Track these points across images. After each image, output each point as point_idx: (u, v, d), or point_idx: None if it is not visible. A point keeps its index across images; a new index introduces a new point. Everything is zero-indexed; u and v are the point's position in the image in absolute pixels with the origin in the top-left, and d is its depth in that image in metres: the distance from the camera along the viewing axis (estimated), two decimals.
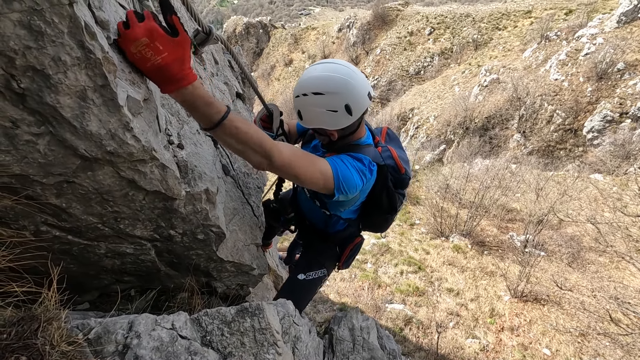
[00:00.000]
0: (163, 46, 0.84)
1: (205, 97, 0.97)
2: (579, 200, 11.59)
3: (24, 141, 0.80)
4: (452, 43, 32.05)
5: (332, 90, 1.33)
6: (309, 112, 1.41)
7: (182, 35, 0.86)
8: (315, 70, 1.37)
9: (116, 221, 1.15)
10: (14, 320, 0.67)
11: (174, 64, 0.87)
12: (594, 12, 25.24)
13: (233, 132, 1.04)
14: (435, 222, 10.57)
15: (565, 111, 19.51)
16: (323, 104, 1.35)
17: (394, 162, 1.64)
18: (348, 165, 1.37)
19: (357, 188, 1.40)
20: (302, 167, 1.24)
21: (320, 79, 1.34)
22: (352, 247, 2.01)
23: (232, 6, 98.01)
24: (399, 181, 1.68)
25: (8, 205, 0.90)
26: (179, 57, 0.87)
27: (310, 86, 1.35)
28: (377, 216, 1.78)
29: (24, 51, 0.65)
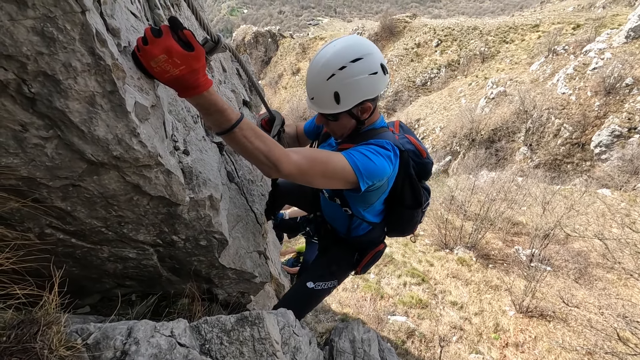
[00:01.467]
0: (180, 60, 0.88)
1: (219, 104, 1.01)
2: (586, 215, 11.44)
3: (32, 144, 0.81)
4: (459, 55, 32.19)
5: (368, 51, 1.30)
6: (350, 86, 1.32)
7: (197, 49, 0.90)
8: (336, 46, 1.32)
9: (120, 225, 1.15)
10: (14, 323, 0.67)
11: (191, 75, 0.91)
12: (602, 27, 25.26)
13: (242, 141, 1.07)
14: (439, 234, 10.48)
15: (573, 125, 19.40)
16: (364, 68, 1.30)
17: (414, 147, 1.59)
18: (366, 154, 1.32)
19: (385, 172, 1.35)
20: (315, 171, 1.22)
21: (351, 47, 1.30)
22: (374, 253, 1.95)
23: (242, 15, 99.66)
24: (422, 167, 1.61)
25: (14, 207, 0.91)
26: (195, 69, 0.91)
27: (346, 56, 1.28)
28: (402, 214, 1.70)
29: (36, 57, 0.66)
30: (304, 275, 2.03)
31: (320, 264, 2.03)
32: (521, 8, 61.20)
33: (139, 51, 0.89)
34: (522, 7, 65.15)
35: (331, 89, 1.32)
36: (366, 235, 1.86)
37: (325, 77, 1.31)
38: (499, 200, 11.07)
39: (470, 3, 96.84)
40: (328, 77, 1.30)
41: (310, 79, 1.38)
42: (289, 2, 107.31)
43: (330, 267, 1.97)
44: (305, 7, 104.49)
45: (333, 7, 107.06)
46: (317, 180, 1.25)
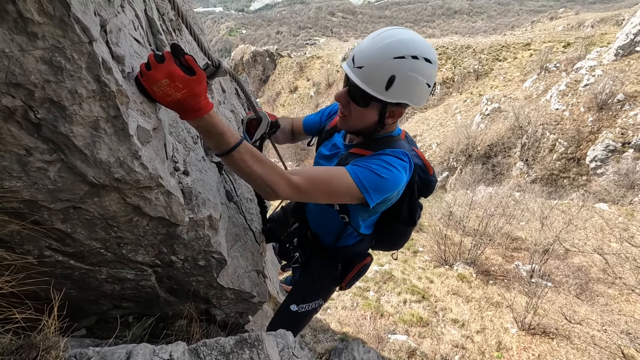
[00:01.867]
0: (182, 84, 0.90)
1: (219, 127, 1.02)
2: (585, 229, 11.44)
3: (35, 168, 0.82)
4: (453, 73, 32.85)
5: (436, 63, 1.21)
6: (409, 80, 1.17)
7: (198, 74, 0.93)
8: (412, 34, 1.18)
9: (119, 246, 1.15)
10: (13, 348, 0.67)
11: (192, 98, 0.93)
12: (592, 45, 25.96)
13: (239, 164, 1.09)
14: (439, 250, 10.42)
15: (568, 140, 19.65)
16: (428, 74, 1.19)
17: (421, 162, 1.52)
18: (375, 169, 1.22)
19: (399, 184, 1.26)
20: (316, 191, 1.20)
21: (428, 47, 1.18)
22: (361, 267, 1.87)
23: (241, 35, 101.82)
24: (426, 184, 1.54)
25: (15, 230, 0.91)
26: (196, 92, 0.93)
27: (423, 50, 1.16)
28: (395, 229, 1.64)
29: (43, 84, 0.69)
30: (287, 298, 1.96)
31: (303, 283, 1.95)
32: (512, 27, 62.94)
33: (142, 76, 0.91)
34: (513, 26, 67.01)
35: (391, 70, 1.14)
36: (354, 246, 1.78)
37: (393, 54, 1.13)
38: (497, 215, 11.07)
39: (463, 23, 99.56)
40: (397, 56, 1.13)
41: (371, 47, 1.17)
42: (287, 22, 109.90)
43: (314, 286, 1.90)
44: (302, 28, 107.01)
45: (329, 27, 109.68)
46: (320, 198, 1.24)
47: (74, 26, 0.65)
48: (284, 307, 1.92)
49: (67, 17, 0.63)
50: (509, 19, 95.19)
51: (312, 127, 1.80)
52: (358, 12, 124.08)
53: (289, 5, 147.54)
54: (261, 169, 1.11)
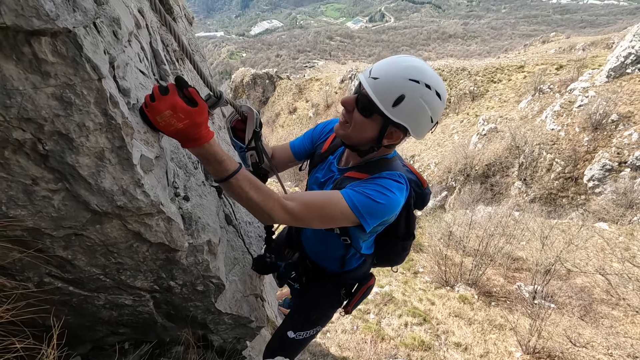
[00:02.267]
0: (184, 115, 0.94)
1: (218, 155, 1.06)
2: (586, 249, 11.36)
3: (40, 197, 0.85)
4: (449, 94, 33.48)
5: (445, 99, 1.25)
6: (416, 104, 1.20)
7: (200, 105, 0.97)
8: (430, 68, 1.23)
9: (118, 272, 1.16)
10: None
11: (194, 128, 0.97)
12: (584, 67, 26.61)
13: (237, 190, 1.13)
14: (439, 271, 10.30)
15: (564, 160, 19.82)
16: (434, 106, 1.22)
17: (415, 177, 1.55)
18: (370, 194, 1.23)
19: (396, 207, 1.28)
20: (312, 216, 1.22)
21: (441, 82, 1.23)
22: (365, 289, 1.84)
23: (241, 59, 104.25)
24: (421, 198, 1.57)
25: (16, 257, 0.92)
26: (198, 122, 0.97)
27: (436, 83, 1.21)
28: (394, 244, 1.63)
29: (53, 119, 0.72)
30: (285, 322, 1.93)
31: (301, 309, 1.93)
32: (506, 51, 64.70)
33: (147, 107, 0.95)
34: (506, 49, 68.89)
35: (403, 89, 1.18)
36: (359, 268, 1.77)
37: (409, 75, 1.18)
38: (497, 235, 11.01)
39: (458, 46, 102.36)
40: (412, 78, 1.18)
41: (391, 64, 1.22)
42: (286, 46, 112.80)
43: (311, 314, 1.87)
44: (301, 51, 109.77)
45: (328, 50, 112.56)
46: (316, 224, 1.26)
47: (85, 65, 0.69)
48: (281, 332, 1.90)
49: (79, 57, 0.67)
50: (502, 42, 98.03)
51: (302, 151, 1.72)
52: (355, 36, 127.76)
53: (288, 30, 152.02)
54: (258, 196, 1.14)
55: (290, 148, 1.74)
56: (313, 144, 1.72)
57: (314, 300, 1.87)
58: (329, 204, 1.22)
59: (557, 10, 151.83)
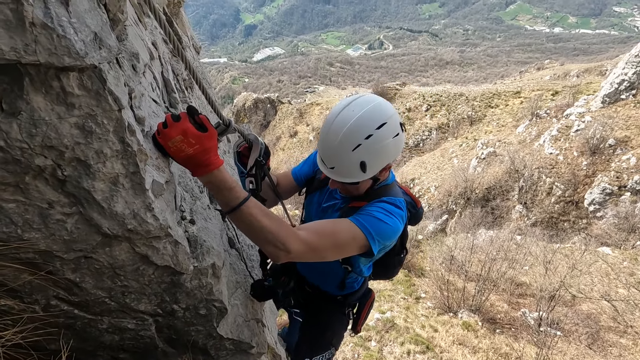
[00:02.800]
0: (195, 140, 0.96)
1: (228, 182, 1.05)
2: (590, 274, 11.20)
3: (54, 220, 0.88)
4: (448, 119, 34.04)
5: (390, 113, 1.27)
6: (377, 153, 1.26)
7: (210, 131, 1.00)
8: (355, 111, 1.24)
9: (123, 295, 1.17)
10: None
11: (203, 154, 0.99)
12: (579, 93, 27.21)
13: (248, 219, 1.08)
14: (442, 296, 10.12)
15: (564, 183, 19.89)
16: (389, 132, 1.24)
17: (410, 199, 1.61)
18: (378, 216, 1.27)
19: (398, 232, 1.33)
20: (325, 245, 1.19)
21: (374, 112, 1.24)
22: (369, 306, 1.90)
23: (243, 84, 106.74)
24: (415, 216, 1.64)
25: (27, 279, 0.94)
26: (207, 148, 0.99)
27: (371, 123, 1.22)
28: (389, 259, 1.66)
29: (73, 146, 0.76)
30: (298, 350, 1.91)
31: (313, 333, 1.91)
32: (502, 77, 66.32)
33: (159, 134, 0.99)
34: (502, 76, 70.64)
35: (357, 158, 1.24)
36: (360, 289, 1.81)
37: (350, 147, 1.23)
38: (499, 259, 10.88)
39: (455, 73, 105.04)
40: (353, 147, 1.22)
41: (329, 148, 1.29)
42: (287, 72, 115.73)
43: (325, 335, 1.87)
44: (302, 77, 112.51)
45: (328, 76, 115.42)
46: (329, 253, 1.23)
47: (108, 97, 0.74)
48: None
49: (102, 90, 0.73)
50: (498, 69, 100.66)
51: (302, 176, 1.77)
52: (355, 62, 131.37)
53: (289, 57, 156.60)
54: (271, 223, 1.09)
55: (292, 175, 1.79)
56: (313, 169, 1.77)
57: (324, 321, 1.88)
58: (341, 229, 1.24)
59: (550, 38, 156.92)
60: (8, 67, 0.63)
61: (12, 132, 0.69)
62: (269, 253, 1.14)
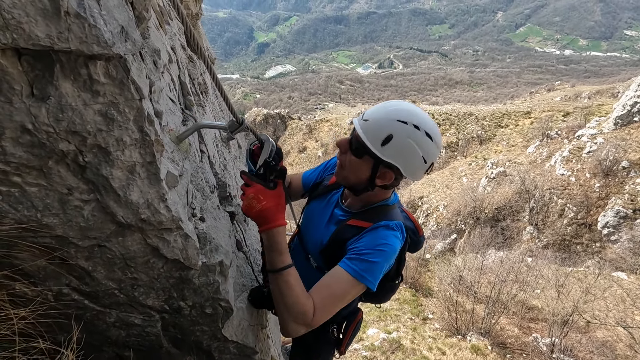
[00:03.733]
0: (264, 197, 1.16)
1: (282, 245, 1.19)
2: (604, 300, 10.82)
3: (72, 206, 0.91)
4: (457, 137, 34.01)
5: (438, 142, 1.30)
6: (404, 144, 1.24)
7: (278, 189, 1.16)
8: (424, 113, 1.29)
9: (132, 288, 1.19)
10: None
11: (270, 210, 1.17)
12: (590, 114, 27.01)
13: (284, 284, 1.19)
14: (450, 317, 9.86)
15: (577, 205, 19.51)
16: (426, 147, 1.26)
17: (412, 225, 1.59)
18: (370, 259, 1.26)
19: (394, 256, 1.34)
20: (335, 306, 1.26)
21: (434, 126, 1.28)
22: (355, 326, 1.81)
23: (255, 99, 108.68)
24: (415, 244, 1.62)
25: (42, 265, 0.97)
26: (275, 204, 1.17)
27: (427, 125, 1.25)
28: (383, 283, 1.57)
29: (95, 133, 0.80)
30: None
31: (299, 351, 1.93)
32: (512, 97, 66.32)
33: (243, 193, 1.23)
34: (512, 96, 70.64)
35: (391, 129, 1.23)
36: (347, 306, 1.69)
37: (397, 117, 1.24)
38: (510, 281, 10.61)
39: (464, 92, 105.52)
40: (400, 119, 1.23)
41: (381, 108, 1.30)
42: (298, 89, 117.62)
43: (311, 355, 1.87)
44: (312, 93, 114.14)
45: (338, 93, 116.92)
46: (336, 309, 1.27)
47: (130, 86, 0.78)
48: None
49: (126, 79, 0.77)
50: (508, 89, 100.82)
51: (310, 181, 1.78)
52: (365, 80, 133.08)
53: (301, 74, 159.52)
54: (302, 294, 1.19)
55: (302, 178, 1.80)
56: (322, 175, 1.77)
57: (308, 339, 1.80)
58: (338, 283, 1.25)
59: (561, 60, 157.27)
60: (42, 53, 0.68)
61: (40, 116, 0.73)
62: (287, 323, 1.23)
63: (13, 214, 0.85)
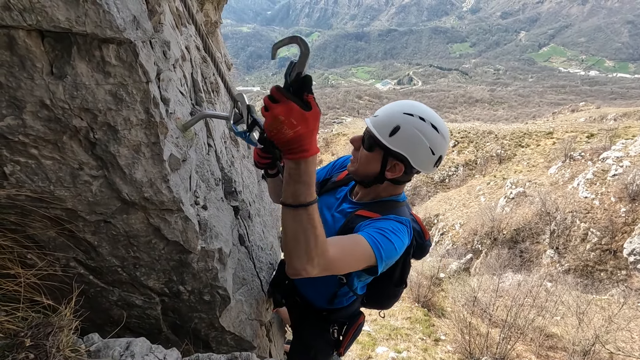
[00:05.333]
0: (296, 121, 0.86)
1: (312, 177, 0.96)
2: (629, 331, 10.24)
3: (82, 181, 0.99)
4: (476, 156, 33.46)
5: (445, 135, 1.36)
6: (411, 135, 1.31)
7: (314, 110, 0.90)
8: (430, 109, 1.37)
9: (134, 267, 1.25)
10: (33, 324, 0.75)
11: (305, 136, 0.89)
12: (616, 137, 26.13)
13: (306, 221, 0.98)
14: (463, 340, 9.52)
15: (601, 230, 18.71)
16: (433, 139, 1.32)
17: (419, 228, 1.59)
18: (388, 235, 1.26)
19: (401, 252, 1.31)
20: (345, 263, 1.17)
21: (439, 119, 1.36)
22: (356, 328, 1.83)
23: None
24: (421, 248, 1.61)
25: (52, 236, 1.05)
26: (310, 129, 0.90)
27: (432, 118, 1.33)
28: (386, 287, 1.64)
29: (105, 111, 0.88)
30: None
31: (298, 346, 1.92)
32: (534, 117, 65.03)
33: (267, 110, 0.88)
34: (534, 116, 69.27)
35: (398, 121, 1.31)
36: (349, 307, 1.76)
37: (404, 110, 1.33)
38: (527, 306, 10.20)
39: (485, 111, 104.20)
40: (406, 112, 1.32)
41: (391, 104, 1.39)
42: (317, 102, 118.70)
43: (309, 351, 1.85)
44: (331, 107, 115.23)
45: (356, 108, 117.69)
46: (344, 269, 1.20)
47: (138, 69, 0.86)
48: None
49: (134, 62, 0.85)
50: (529, 109, 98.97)
51: (318, 179, 1.77)
52: (384, 96, 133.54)
53: (320, 88, 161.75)
54: (321, 233, 1.02)
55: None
56: (330, 173, 1.81)
57: (308, 335, 1.87)
58: (357, 246, 1.21)
59: (586, 81, 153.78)
60: (62, 35, 0.77)
61: (57, 93, 0.81)
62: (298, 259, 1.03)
63: (29, 184, 0.93)
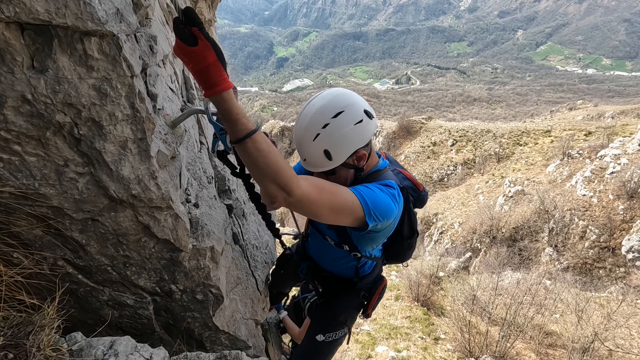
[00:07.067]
0: (187, 57, 0.83)
1: (236, 111, 0.93)
2: (628, 328, 10.25)
3: (68, 178, 0.97)
4: (474, 154, 33.46)
5: (348, 102, 1.32)
6: (337, 141, 1.31)
7: (200, 44, 0.82)
8: (315, 104, 1.33)
9: (124, 266, 1.23)
10: (14, 323, 0.73)
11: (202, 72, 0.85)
12: (614, 135, 26.17)
13: (253, 154, 0.97)
14: (462, 339, 9.52)
15: (599, 228, 18.74)
16: (348, 120, 1.29)
17: (410, 182, 1.67)
18: (375, 190, 1.30)
19: (393, 213, 1.34)
20: (324, 201, 1.16)
21: (330, 102, 1.31)
22: (380, 291, 1.94)
23: (272, 112, 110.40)
24: (419, 200, 1.69)
25: (38, 234, 1.03)
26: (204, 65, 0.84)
27: (327, 113, 1.29)
28: (400, 243, 1.72)
29: (90, 107, 0.86)
30: (310, 330, 1.98)
31: (325, 313, 1.97)
32: (532, 115, 65.03)
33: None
34: (532, 114, 69.25)
35: (320, 147, 1.31)
36: (373, 272, 1.87)
37: (311, 138, 1.31)
38: (526, 304, 10.21)
39: (483, 110, 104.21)
40: (314, 137, 1.30)
41: (297, 141, 1.37)
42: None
43: (338, 316, 1.92)
44: None
45: None
46: (324, 212, 1.19)
47: (122, 63, 0.84)
48: (309, 338, 1.95)
49: (118, 56, 0.83)
50: (527, 107, 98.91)
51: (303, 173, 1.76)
52: (382, 96, 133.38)
53: (318, 88, 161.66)
54: (277, 160, 1.01)
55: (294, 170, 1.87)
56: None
57: (339, 302, 1.95)
58: (340, 191, 1.23)
59: (583, 79, 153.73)
60: (42, 28, 0.75)
61: (39, 87, 0.79)
62: (268, 194, 1.04)
63: (13, 181, 0.91)
